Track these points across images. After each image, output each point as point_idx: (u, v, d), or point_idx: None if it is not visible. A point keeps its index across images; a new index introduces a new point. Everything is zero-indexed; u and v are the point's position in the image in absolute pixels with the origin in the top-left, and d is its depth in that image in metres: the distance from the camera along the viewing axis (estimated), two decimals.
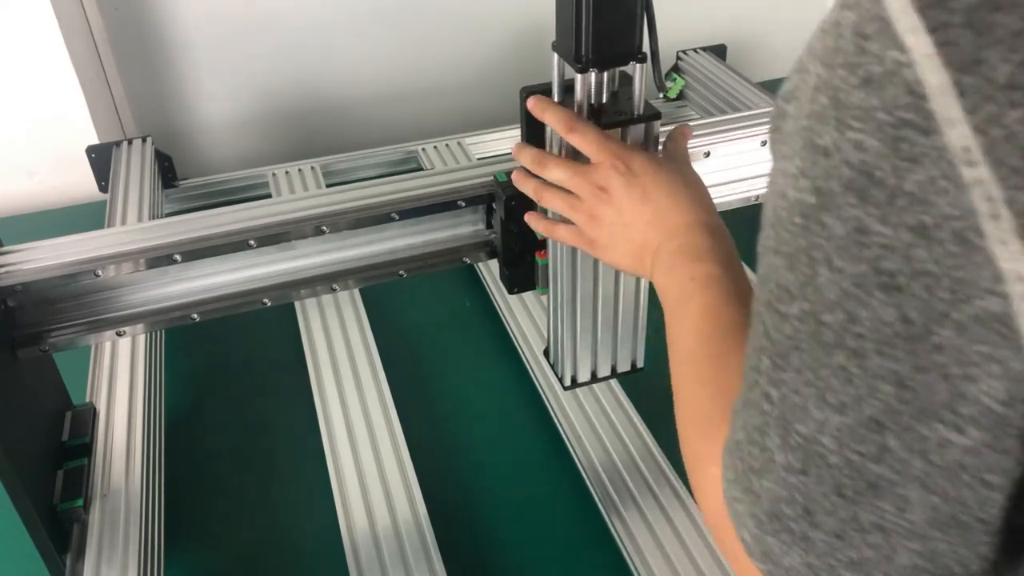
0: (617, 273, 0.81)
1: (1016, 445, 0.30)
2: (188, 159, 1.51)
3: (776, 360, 0.36)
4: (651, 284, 0.79)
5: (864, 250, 0.31)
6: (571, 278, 0.79)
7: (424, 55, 1.56)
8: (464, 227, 0.86)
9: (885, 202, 0.30)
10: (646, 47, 0.70)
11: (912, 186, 0.29)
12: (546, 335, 0.88)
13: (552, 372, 0.89)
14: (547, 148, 0.75)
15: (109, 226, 1.15)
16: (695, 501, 0.54)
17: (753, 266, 0.38)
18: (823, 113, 0.31)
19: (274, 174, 1.37)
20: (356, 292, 1.12)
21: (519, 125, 0.77)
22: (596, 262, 0.80)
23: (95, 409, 0.92)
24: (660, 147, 0.74)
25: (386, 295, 1.14)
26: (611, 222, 0.67)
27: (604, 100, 0.73)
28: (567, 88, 0.73)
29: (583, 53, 0.68)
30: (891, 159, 0.29)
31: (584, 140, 0.68)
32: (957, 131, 0.27)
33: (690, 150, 0.88)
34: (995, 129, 0.26)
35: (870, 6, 0.29)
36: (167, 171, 1.37)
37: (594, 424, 0.94)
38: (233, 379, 1.06)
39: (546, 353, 0.89)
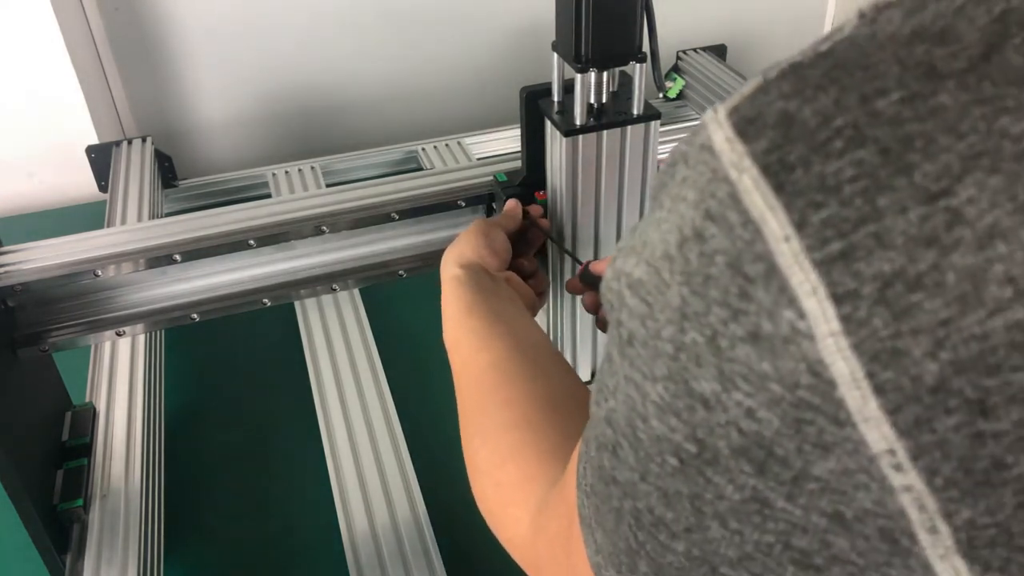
0: None
1: None
2: (188, 159, 1.51)
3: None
4: None
5: (768, 522, 0.26)
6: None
7: (424, 55, 1.56)
8: (464, 227, 0.86)
9: (790, 481, 0.25)
10: (646, 47, 0.70)
11: (823, 473, 0.24)
12: (547, 333, 0.88)
13: None
14: (547, 150, 0.75)
15: (109, 226, 1.15)
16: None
17: None
18: (697, 353, 0.25)
19: (274, 174, 1.37)
20: (356, 292, 1.12)
21: (519, 125, 0.77)
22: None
23: (95, 409, 0.92)
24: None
25: (386, 295, 1.14)
26: None
27: (604, 100, 0.73)
28: (567, 88, 0.73)
29: (583, 53, 0.68)
30: (794, 440, 0.24)
31: None
32: (876, 431, 0.22)
33: None
34: (925, 435, 0.22)
35: (746, 235, 0.24)
36: (167, 171, 1.37)
37: None
38: (233, 379, 1.06)
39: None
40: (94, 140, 1.34)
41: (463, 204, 0.83)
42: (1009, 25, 0.21)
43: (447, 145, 1.44)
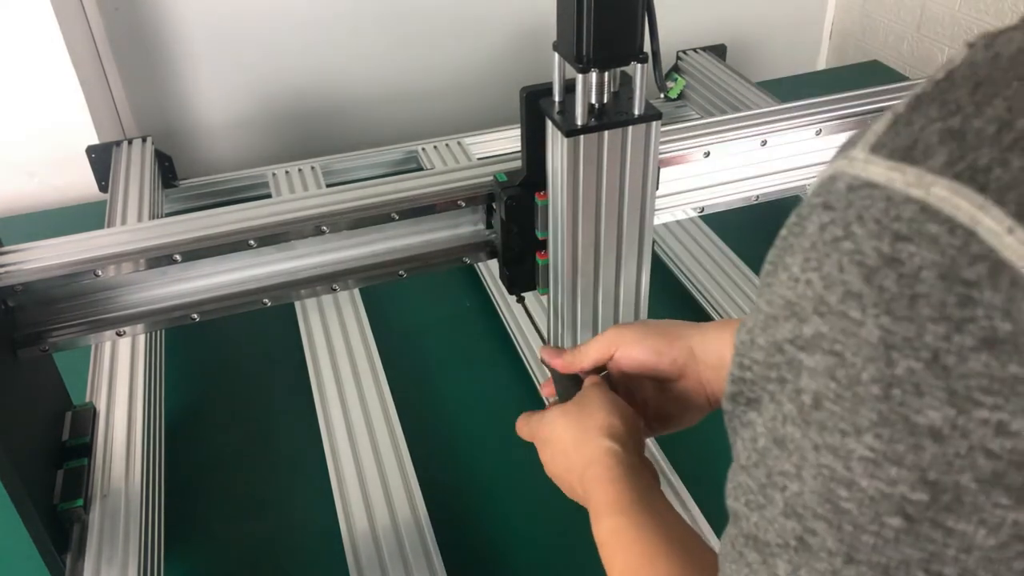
0: (617, 273, 0.81)
1: None
2: (188, 159, 1.51)
3: None
4: (648, 291, 0.79)
5: None
6: (571, 278, 0.79)
7: (424, 55, 1.56)
8: (464, 227, 0.86)
9: None
10: (647, 47, 0.70)
11: None
12: (546, 335, 0.88)
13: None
14: (548, 150, 0.75)
15: (109, 226, 1.15)
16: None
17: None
18: (914, 381, 0.24)
19: (274, 174, 1.37)
20: (356, 292, 1.12)
21: (519, 125, 0.77)
22: (596, 262, 0.80)
23: (95, 409, 0.92)
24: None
25: (386, 295, 1.14)
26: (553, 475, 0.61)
27: (605, 100, 0.73)
28: (568, 88, 0.73)
29: (584, 53, 0.68)
30: None
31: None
32: None
33: (690, 150, 0.89)
34: None
35: (956, 241, 0.23)
36: (167, 171, 1.37)
37: None
38: (233, 379, 1.06)
39: (543, 360, 0.88)
40: (94, 140, 1.34)
41: (463, 204, 0.82)
42: None
43: (447, 145, 1.44)
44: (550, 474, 0.60)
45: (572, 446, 0.56)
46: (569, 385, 0.63)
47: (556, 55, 0.72)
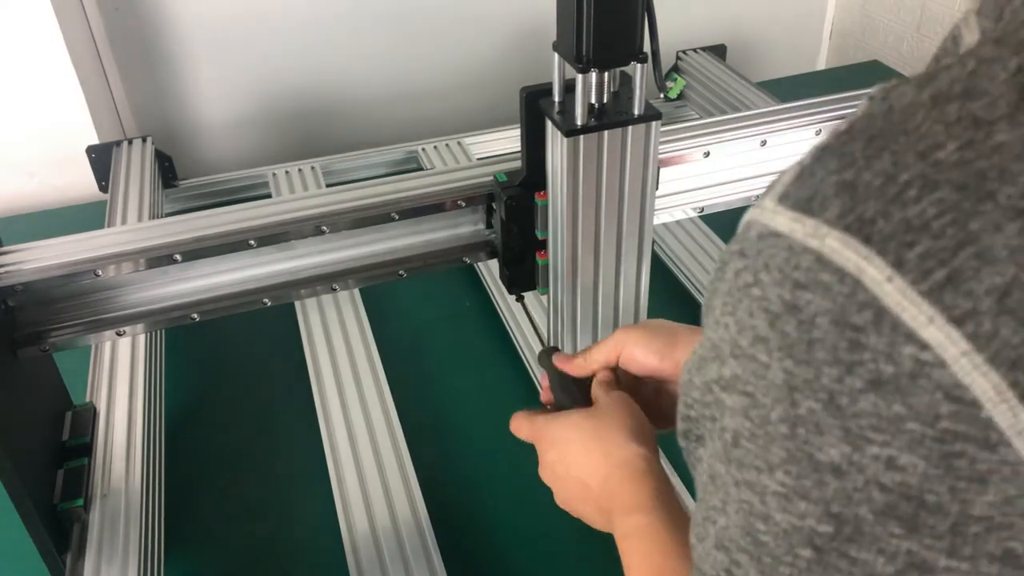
0: (617, 273, 0.81)
1: None
2: (188, 159, 1.51)
3: None
4: (648, 291, 0.79)
5: None
6: (571, 278, 0.79)
7: (424, 55, 1.56)
8: (464, 227, 0.86)
9: (949, 531, 0.24)
10: (647, 47, 0.70)
11: (984, 509, 0.23)
12: (546, 335, 0.88)
13: None
14: (548, 150, 0.75)
15: (109, 226, 1.15)
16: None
17: None
18: (815, 420, 0.25)
19: (274, 174, 1.37)
20: (356, 292, 1.12)
21: (519, 125, 0.77)
22: (596, 262, 0.80)
23: (95, 409, 0.92)
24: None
25: (386, 295, 1.14)
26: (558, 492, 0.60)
27: (605, 100, 0.73)
28: (568, 88, 0.73)
29: (584, 53, 0.68)
30: (945, 480, 0.23)
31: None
32: None
33: (690, 150, 0.89)
34: None
35: (845, 289, 0.24)
36: (167, 171, 1.37)
37: None
38: (233, 379, 1.06)
39: (540, 359, 0.88)
40: (94, 140, 1.34)
41: (463, 204, 0.82)
42: None
43: (447, 145, 1.44)
44: (553, 475, 0.60)
45: (597, 450, 0.56)
46: (574, 389, 0.63)
47: (556, 55, 0.72)
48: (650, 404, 0.62)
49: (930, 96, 0.25)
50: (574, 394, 0.63)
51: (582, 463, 0.57)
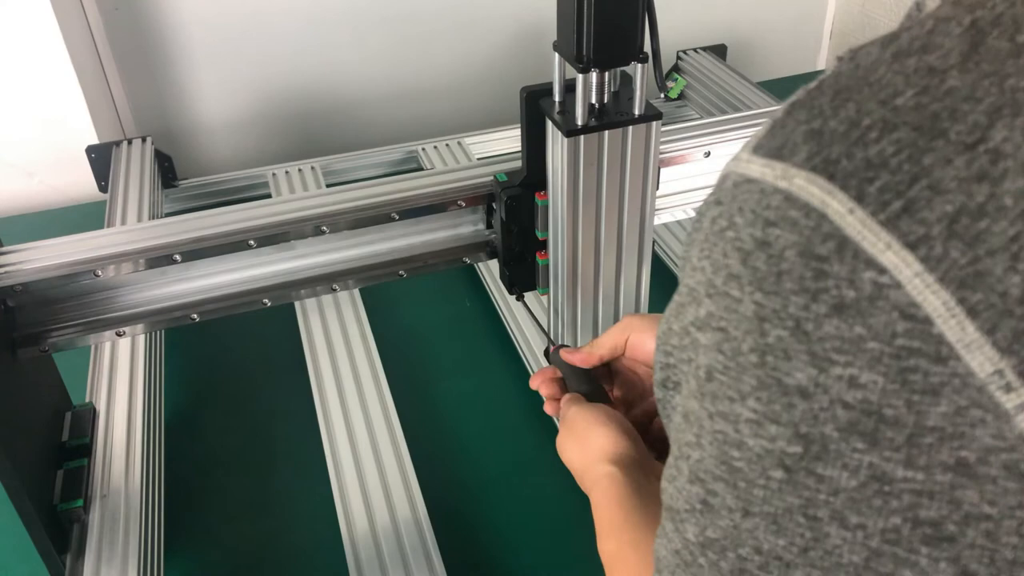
0: (617, 273, 0.81)
1: None
2: (188, 159, 1.51)
3: None
4: (648, 291, 0.79)
5: (891, 500, 0.26)
6: (571, 278, 0.79)
7: (424, 55, 1.56)
8: (464, 227, 0.86)
9: (905, 442, 0.25)
10: (647, 47, 0.70)
11: (937, 420, 0.25)
12: (552, 334, 0.88)
13: None
14: (548, 150, 0.75)
15: (109, 226, 1.15)
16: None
17: None
18: (783, 347, 0.27)
19: (274, 174, 1.37)
20: (356, 292, 1.12)
21: (519, 125, 0.77)
22: (596, 262, 0.80)
23: (95, 409, 0.92)
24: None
25: (386, 295, 1.14)
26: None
27: (605, 100, 0.73)
28: (568, 88, 0.73)
29: (584, 53, 0.68)
30: (901, 394, 0.25)
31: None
32: (980, 355, 0.24)
33: (690, 150, 0.89)
34: None
35: (811, 223, 0.26)
36: (167, 171, 1.37)
37: None
38: (233, 379, 1.06)
39: (546, 353, 0.88)
40: (94, 140, 1.34)
41: (463, 204, 0.82)
42: (982, 27, 0.26)
43: (447, 145, 1.44)
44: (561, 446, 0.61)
45: (579, 469, 0.57)
46: (581, 381, 0.64)
47: (556, 55, 0.72)
48: (649, 397, 0.62)
49: (892, 53, 0.27)
50: (582, 388, 0.63)
51: (572, 460, 0.58)
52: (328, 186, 1.33)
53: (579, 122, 0.71)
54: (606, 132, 0.72)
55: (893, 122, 0.26)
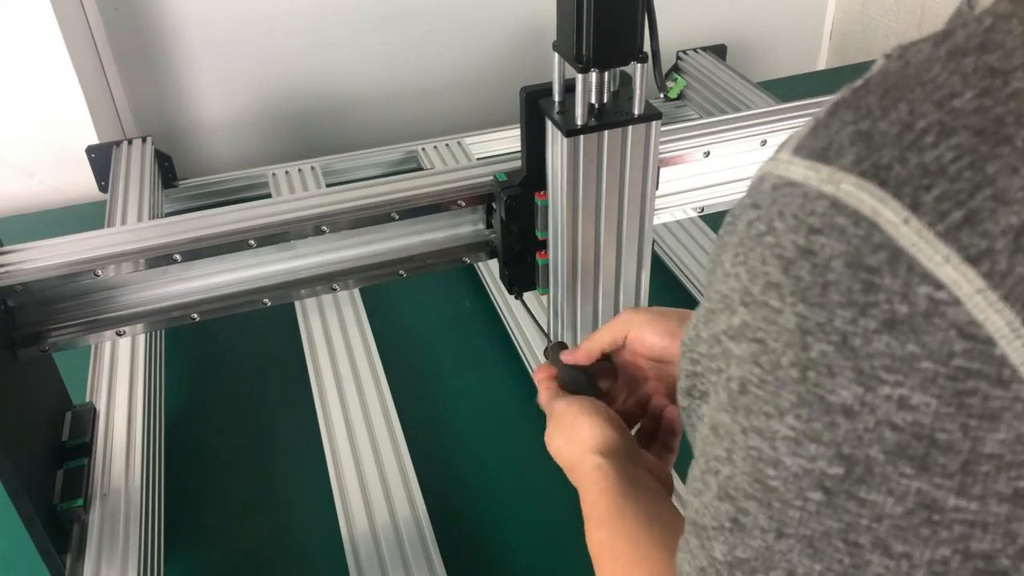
0: (617, 273, 0.81)
1: None
2: (188, 159, 1.51)
3: None
4: (648, 291, 0.79)
5: (940, 530, 0.24)
6: (571, 278, 0.79)
7: (424, 55, 1.56)
8: (464, 227, 0.86)
9: (959, 470, 0.24)
10: (647, 47, 0.70)
11: (995, 447, 0.23)
12: (548, 333, 0.88)
13: None
14: (548, 150, 0.75)
15: (109, 226, 1.15)
16: None
17: None
18: (827, 363, 0.25)
19: (274, 174, 1.37)
20: (356, 292, 1.12)
21: (519, 125, 0.77)
22: (596, 262, 0.80)
23: (95, 409, 0.92)
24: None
25: (386, 295, 1.14)
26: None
27: (605, 100, 0.73)
28: (568, 88, 0.73)
29: (584, 53, 0.68)
30: (957, 417, 0.23)
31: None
32: None
33: (690, 150, 0.89)
34: None
35: (860, 232, 0.24)
36: (167, 171, 1.37)
37: None
38: (233, 379, 1.06)
39: (546, 353, 0.88)
40: (94, 140, 1.34)
41: (463, 204, 0.82)
42: None
43: (447, 145, 1.44)
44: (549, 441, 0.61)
45: (567, 462, 0.57)
46: (578, 378, 0.64)
47: (556, 55, 0.72)
48: (652, 390, 0.62)
49: (947, 51, 0.25)
50: (579, 384, 0.63)
51: (561, 455, 0.58)
52: (328, 186, 1.33)
53: (579, 122, 0.71)
54: (606, 132, 0.72)
55: (951, 126, 0.24)
